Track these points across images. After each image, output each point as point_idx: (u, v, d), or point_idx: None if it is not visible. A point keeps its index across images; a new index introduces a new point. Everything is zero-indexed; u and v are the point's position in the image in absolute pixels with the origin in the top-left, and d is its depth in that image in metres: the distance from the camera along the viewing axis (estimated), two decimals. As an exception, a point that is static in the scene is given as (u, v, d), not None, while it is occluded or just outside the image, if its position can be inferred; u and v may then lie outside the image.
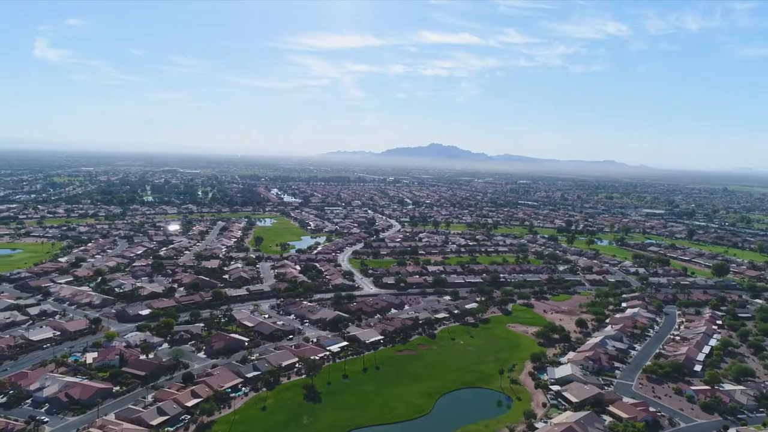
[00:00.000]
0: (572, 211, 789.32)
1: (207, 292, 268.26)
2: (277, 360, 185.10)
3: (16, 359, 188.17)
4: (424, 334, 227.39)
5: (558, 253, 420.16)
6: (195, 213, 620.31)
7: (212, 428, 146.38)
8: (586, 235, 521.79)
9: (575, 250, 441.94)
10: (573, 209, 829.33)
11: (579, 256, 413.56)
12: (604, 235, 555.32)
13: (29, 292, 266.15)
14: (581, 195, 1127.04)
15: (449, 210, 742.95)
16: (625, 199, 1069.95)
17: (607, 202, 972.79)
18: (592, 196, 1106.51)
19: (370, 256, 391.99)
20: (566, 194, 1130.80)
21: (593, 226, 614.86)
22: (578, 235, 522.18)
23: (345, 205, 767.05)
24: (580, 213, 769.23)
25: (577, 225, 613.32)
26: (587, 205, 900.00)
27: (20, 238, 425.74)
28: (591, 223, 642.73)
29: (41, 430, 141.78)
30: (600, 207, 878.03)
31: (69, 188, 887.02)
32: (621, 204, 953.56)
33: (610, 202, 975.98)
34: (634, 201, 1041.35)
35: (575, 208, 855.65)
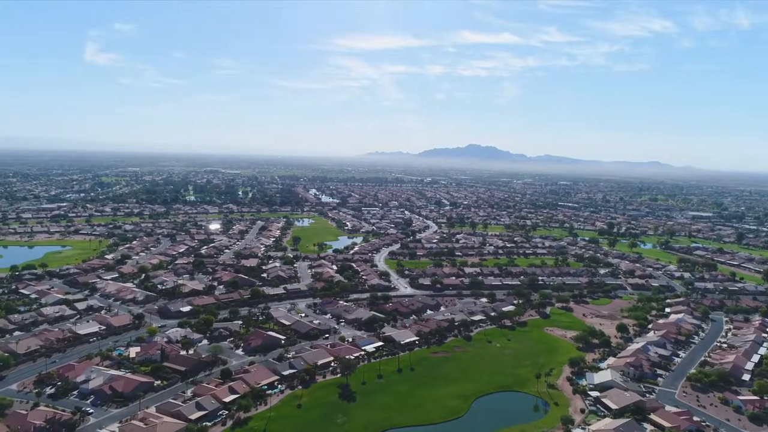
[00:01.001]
0: (614, 213, 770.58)
1: (246, 290, 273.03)
2: (312, 358, 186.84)
3: (64, 352, 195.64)
4: (460, 336, 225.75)
5: (599, 256, 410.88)
6: (235, 212, 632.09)
7: (249, 424, 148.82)
8: (629, 238, 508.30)
9: (617, 253, 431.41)
10: (615, 211, 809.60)
11: (621, 259, 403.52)
12: (647, 238, 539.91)
13: (77, 288, 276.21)
14: (624, 197, 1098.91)
15: (487, 211, 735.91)
16: (670, 201, 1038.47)
17: (651, 204, 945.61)
18: (635, 198, 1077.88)
19: (407, 256, 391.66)
20: (608, 196, 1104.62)
21: (636, 228, 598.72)
22: (620, 238, 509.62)
23: (382, 205, 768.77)
24: (623, 215, 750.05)
25: (620, 227, 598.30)
26: (630, 207, 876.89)
27: (70, 235, 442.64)
28: (634, 225, 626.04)
29: (86, 420, 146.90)
30: (644, 209, 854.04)
31: (116, 188, 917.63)
32: (666, 206, 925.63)
33: (655, 204, 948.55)
34: (679, 203, 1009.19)
35: (617, 210, 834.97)
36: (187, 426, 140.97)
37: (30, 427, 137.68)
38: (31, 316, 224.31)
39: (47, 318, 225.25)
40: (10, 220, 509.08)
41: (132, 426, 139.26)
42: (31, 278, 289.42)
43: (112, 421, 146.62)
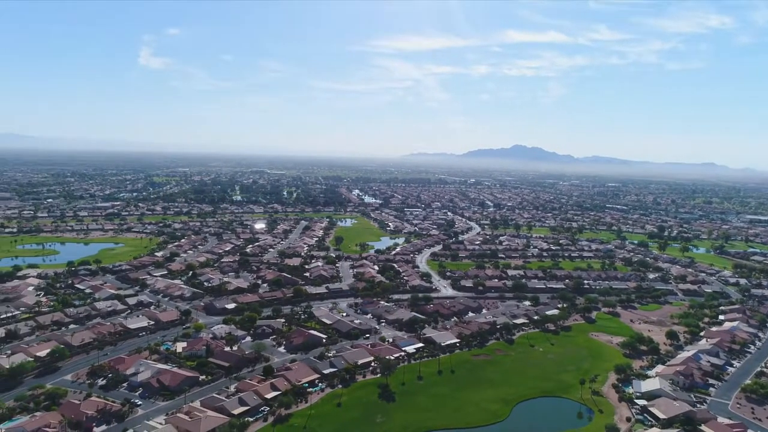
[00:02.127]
0: (665, 216, 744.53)
1: (289, 289, 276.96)
2: (353, 358, 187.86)
3: (116, 345, 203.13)
4: (502, 340, 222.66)
5: (648, 260, 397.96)
6: (280, 212, 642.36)
7: (289, 421, 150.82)
8: (681, 242, 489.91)
9: (668, 257, 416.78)
10: (666, 214, 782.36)
11: (672, 263, 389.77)
12: (700, 243, 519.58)
13: (128, 284, 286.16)
14: (676, 199, 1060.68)
15: (532, 213, 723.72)
16: (725, 204, 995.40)
17: (705, 207, 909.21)
18: (688, 201, 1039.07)
19: (449, 258, 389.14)
20: (659, 198, 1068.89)
21: (689, 232, 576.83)
22: (671, 242, 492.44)
23: (425, 206, 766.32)
24: (675, 218, 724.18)
25: (671, 231, 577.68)
26: (682, 210, 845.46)
27: (123, 233, 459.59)
28: (686, 229, 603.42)
29: (135, 412, 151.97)
30: (697, 212, 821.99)
31: (166, 187, 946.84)
32: (721, 209, 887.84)
33: (709, 207, 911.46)
34: (736, 206, 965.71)
35: (669, 212, 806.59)
36: (230, 421, 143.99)
37: (83, 417, 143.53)
38: (85, 310, 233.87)
39: (100, 312, 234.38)
40: (67, 217, 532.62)
41: (177, 419, 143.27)
42: (86, 274, 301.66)
43: (158, 413, 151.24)
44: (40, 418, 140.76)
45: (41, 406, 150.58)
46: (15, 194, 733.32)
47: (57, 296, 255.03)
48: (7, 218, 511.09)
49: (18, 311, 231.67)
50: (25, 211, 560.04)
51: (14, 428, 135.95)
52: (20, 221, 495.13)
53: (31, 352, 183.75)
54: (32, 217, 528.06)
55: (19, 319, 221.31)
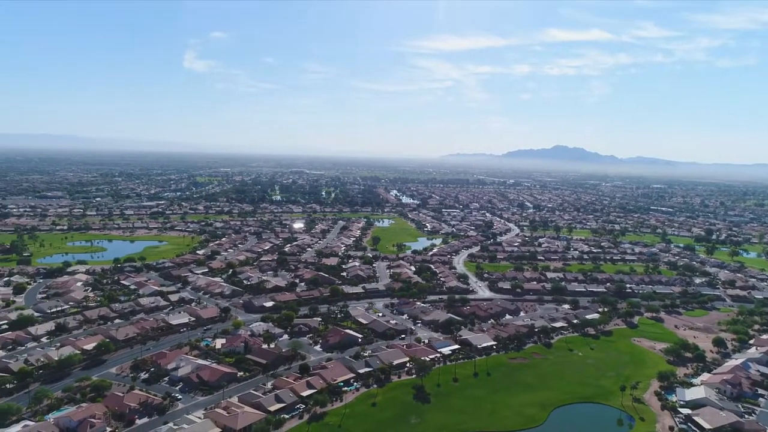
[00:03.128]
0: (713, 219, 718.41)
1: (325, 288, 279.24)
2: (388, 358, 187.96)
3: (158, 340, 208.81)
4: (540, 343, 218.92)
5: (695, 264, 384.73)
6: (318, 212, 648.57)
7: (324, 419, 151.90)
8: (730, 246, 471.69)
9: (715, 261, 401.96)
10: (715, 217, 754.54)
11: (720, 268, 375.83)
12: (751, 247, 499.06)
13: (171, 281, 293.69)
14: (725, 201, 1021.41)
15: (572, 215, 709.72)
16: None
17: (756, 210, 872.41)
18: (738, 203, 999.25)
19: (486, 259, 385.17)
20: (707, 200, 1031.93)
21: (738, 236, 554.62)
22: (720, 246, 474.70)
23: (462, 207, 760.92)
24: (723, 221, 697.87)
25: (719, 234, 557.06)
26: (732, 213, 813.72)
27: (166, 231, 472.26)
28: (736, 232, 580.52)
29: (175, 406, 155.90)
30: (748, 215, 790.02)
31: (208, 187, 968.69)
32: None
33: (761, 210, 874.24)
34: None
35: (717, 215, 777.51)
36: (266, 417, 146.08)
37: (126, 409, 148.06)
38: (129, 305, 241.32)
39: (144, 308, 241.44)
40: (115, 216, 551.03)
41: (215, 414, 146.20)
42: (131, 270, 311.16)
43: (197, 408, 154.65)
44: (86, 409, 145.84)
45: (87, 397, 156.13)
46: (66, 193, 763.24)
47: (104, 292, 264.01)
48: (59, 216, 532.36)
49: (67, 305, 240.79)
50: (75, 210, 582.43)
51: (62, 418, 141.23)
52: (71, 219, 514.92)
53: (79, 345, 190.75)
54: (82, 215, 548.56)
55: (68, 313, 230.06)
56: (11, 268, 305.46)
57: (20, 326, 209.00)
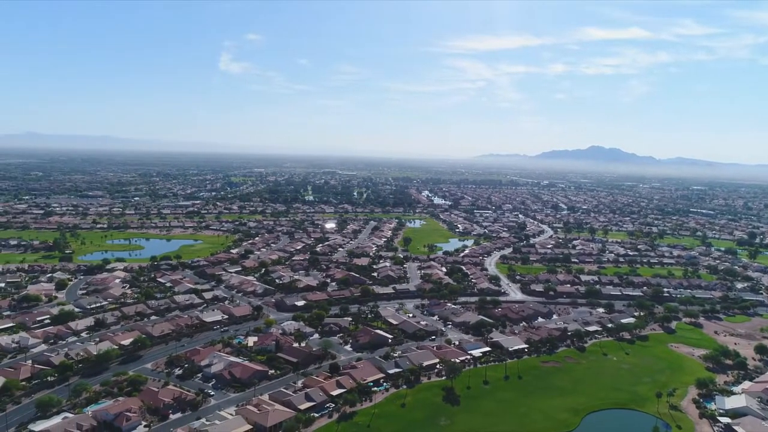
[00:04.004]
0: (757, 222, 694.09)
1: (356, 288, 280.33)
2: (418, 359, 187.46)
3: (192, 337, 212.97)
4: (573, 347, 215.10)
5: (736, 268, 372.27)
6: (350, 212, 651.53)
7: (354, 419, 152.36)
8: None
9: (759, 266, 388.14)
10: (758, 220, 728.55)
11: (763, 273, 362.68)
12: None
13: (205, 279, 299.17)
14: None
15: (608, 217, 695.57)
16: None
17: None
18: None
19: (519, 261, 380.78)
20: (750, 202, 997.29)
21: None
22: (763, 250, 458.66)
23: (495, 208, 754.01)
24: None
25: (763, 238, 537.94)
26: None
27: (201, 230, 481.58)
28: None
29: (208, 402, 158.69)
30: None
31: (243, 187, 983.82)
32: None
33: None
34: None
35: (761, 218, 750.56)
36: (296, 415, 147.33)
37: (160, 403, 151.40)
38: (165, 302, 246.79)
39: (179, 305, 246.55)
40: (152, 215, 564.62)
41: (247, 410, 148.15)
42: (167, 268, 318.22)
43: (230, 404, 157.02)
44: (123, 403, 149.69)
45: (124, 392, 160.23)
46: (107, 192, 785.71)
47: (141, 289, 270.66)
48: (99, 215, 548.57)
49: (106, 302, 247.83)
50: (114, 209, 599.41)
51: (100, 411, 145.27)
52: (110, 218, 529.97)
53: (116, 340, 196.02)
54: (121, 214, 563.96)
55: (106, 310, 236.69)
56: (54, 265, 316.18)
57: (62, 321, 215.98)
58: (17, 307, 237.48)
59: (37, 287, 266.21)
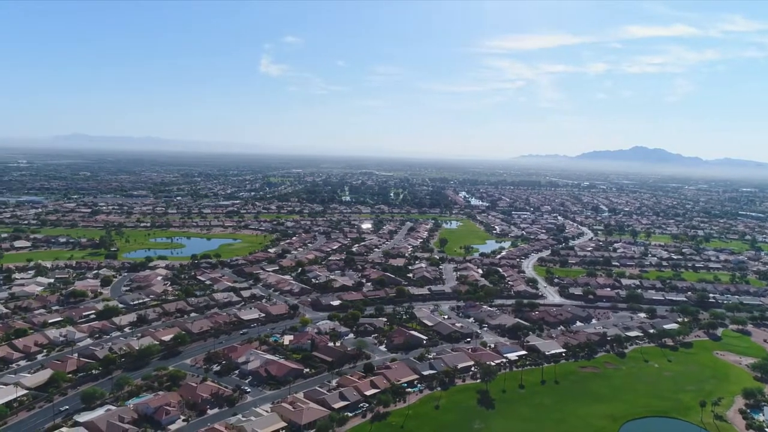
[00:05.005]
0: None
1: (392, 289, 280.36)
2: (453, 361, 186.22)
3: (230, 334, 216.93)
4: (612, 352, 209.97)
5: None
6: (386, 213, 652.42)
7: (387, 419, 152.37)
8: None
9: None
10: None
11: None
12: None
13: (243, 277, 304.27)
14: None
15: (651, 219, 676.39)
16: None
17: None
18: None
19: (557, 264, 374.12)
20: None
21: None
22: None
23: (533, 210, 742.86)
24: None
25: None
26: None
27: (240, 230, 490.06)
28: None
29: (244, 398, 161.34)
30: None
31: (281, 187, 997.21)
32: None
33: None
34: None
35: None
36: (330, 414, 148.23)
37: (198, 399, 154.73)
38: (204, 300, 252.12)
39: (218, 303, 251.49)
40: (193, 214, 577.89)
41: (282, 408, 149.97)
42: (206, 267, 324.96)
43: (265, 401, 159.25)
44: (162, 397, 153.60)
45: (163, 386, 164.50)
46: (150, 192, 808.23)
47: (181, 286, 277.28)
48: (143, 214, 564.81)
49: (148, 298, 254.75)
50: (158, 208, 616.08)
51: (140, 404, 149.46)
52: (153, 217, 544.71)
53: (157, 336, 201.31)
54: (164, 213, 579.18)
55: (148, 306, 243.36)
56: (100, 262, 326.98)
57: (106, 316, 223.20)
58: (65, 302, 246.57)
59: (83, 283, 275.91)
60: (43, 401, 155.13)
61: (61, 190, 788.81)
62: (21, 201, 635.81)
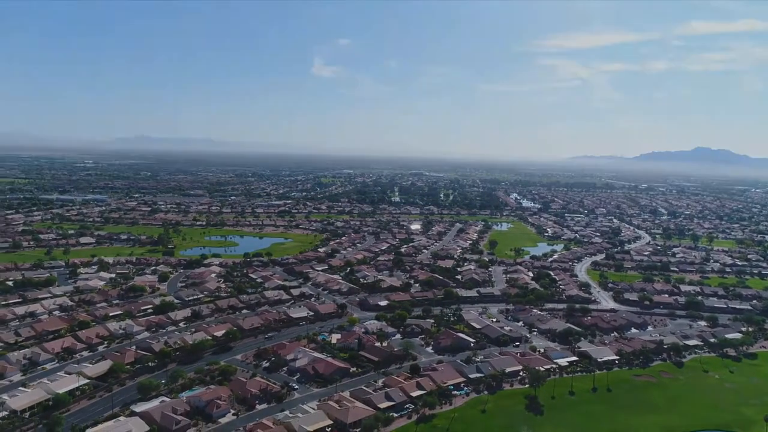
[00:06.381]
0: None
1: (439, 290, 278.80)
2: (500, 365, 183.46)
3: (279, 332, 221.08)
4: (669, 361, 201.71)
5: None
6: (435, 214, 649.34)
7: (433, 421, 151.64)
8: None
9: None
10: None
11: None
12: None
13: (293, 276, 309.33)
14: None
15: (714, 223, 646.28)
16: None
17: None
18: None
19: (612, 268, 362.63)
20: None
21: None
22: None
23: (587, 212, 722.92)
24: None
25: None
26: None
27: (291, 229, 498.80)
28: None
29: (292, 395, 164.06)
30: None
31: (332, 188, 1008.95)
32: None
33: None
34: None
35: None
36: (376, 414, 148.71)
37: (248, 394, 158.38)
38: (255, 297, 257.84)
39: (268, 300, 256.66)
40: (246, 213, 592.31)
41: (328, 406, 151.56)
42: (258, 265, 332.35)
43: (312, 398, 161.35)
44: (214, 391, 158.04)
45: (215, 380, 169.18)
46: (206, 192, 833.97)
47: (234, 284, 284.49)
48: (199, 213, 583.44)
49: (202, 295, 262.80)
50: (213, 207, 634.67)
51: (193, 397, 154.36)
52: (209, 216, 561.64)
53: (210, 331, 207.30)
54: (218, 212, 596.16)
55: (202, 302, 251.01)
56: (158, 259, 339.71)
57: (162, 311, 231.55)
58: (125, 297, 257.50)
59: (142, 279, 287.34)
60: (102, 390, 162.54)
61: (124, 190, 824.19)
62: (87, 199, 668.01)
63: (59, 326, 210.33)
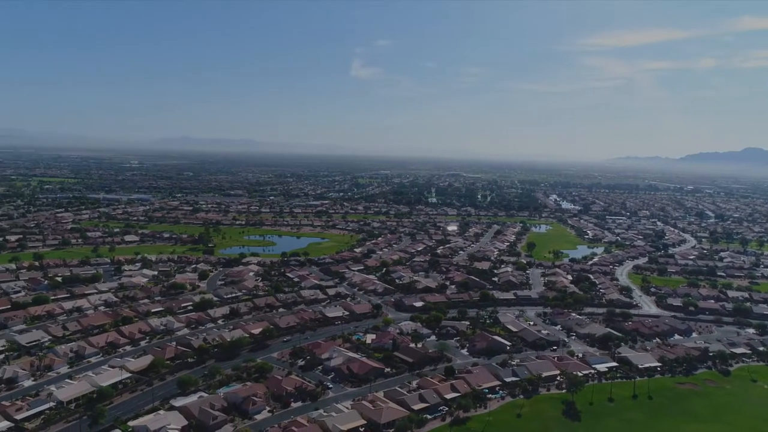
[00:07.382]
0: None
1: (475, 292, 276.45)
2: (537, 369, 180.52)
3: (315, 331, 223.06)
4: (715, 369, 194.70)
5: None
6: (472, 215, 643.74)
7: (467, 424, 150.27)
8: None
9: None
10: None
11: None
12: None
13: (329, 276, 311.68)
14: None
15: (765, 227, 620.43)
16: None
17: None
18: None
19: (655, 272, 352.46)
20: None
21: None
22: None
23: (630, 214, 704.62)
24: None
25: None
26: None
27: (328, 229, 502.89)
28: None
29: (326, 394, 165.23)
30: None
31: (369, 188, 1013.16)
32: None
33: None
34: None
35: None
36: (409, 415, 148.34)
37: (283, 391, 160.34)
38: (292, 296, 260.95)
39: (304, 299, 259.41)
40: (285, 213, 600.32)
41: (362, 405, 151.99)
42: (295, 264, 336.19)
43: (346, 398, 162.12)
44: (250, 387, 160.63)
45: (251, 377, 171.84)
46: (246, 192, 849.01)
47: (271, 282, 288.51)
48: (239, 212, 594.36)
49: (240, 293, 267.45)
50: (252, 207, 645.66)
51: (230, 393, 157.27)
52: (248, 215, 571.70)
53: (247, 329, 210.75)
54: (257, 212, 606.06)
55: (240, 300, 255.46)
56: (198, 257, 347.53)
57: (202, 308, 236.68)
58: (166, 294, 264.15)
59: (183, 276, 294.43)
60: (144, 384, 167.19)
61: (167, 189, 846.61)
62: (132, 199, 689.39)
63: (104, 321, 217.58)
